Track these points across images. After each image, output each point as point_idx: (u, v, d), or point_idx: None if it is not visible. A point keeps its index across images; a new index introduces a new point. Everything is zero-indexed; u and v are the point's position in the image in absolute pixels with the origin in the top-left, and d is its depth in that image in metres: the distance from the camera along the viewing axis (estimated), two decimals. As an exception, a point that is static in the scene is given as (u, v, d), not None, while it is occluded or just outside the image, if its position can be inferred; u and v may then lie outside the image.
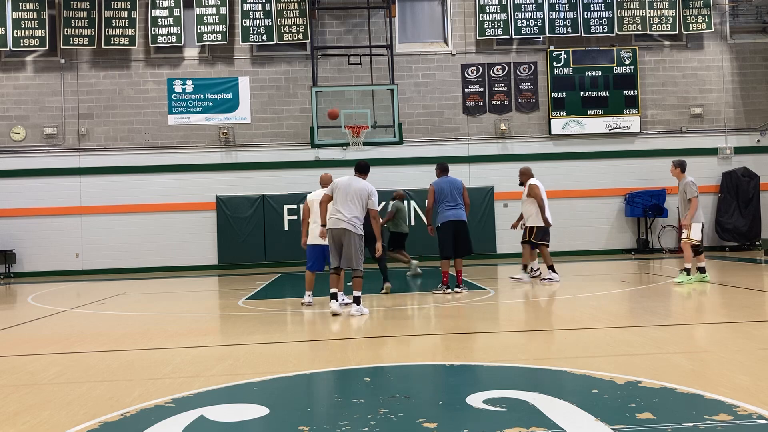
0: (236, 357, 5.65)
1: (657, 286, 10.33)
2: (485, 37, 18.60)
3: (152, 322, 8.12)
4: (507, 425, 3.32)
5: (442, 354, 5.35)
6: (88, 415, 3.85)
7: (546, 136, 18.80)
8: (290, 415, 3.76)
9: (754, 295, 8.88)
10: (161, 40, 18.14)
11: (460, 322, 7.22)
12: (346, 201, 7.88)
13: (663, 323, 6.62)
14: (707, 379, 4.22)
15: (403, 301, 9.48)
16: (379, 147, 17.85)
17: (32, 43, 17.91)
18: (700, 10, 18.81)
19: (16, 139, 18.18)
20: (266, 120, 18.53)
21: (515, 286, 10.91)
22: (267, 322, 7.84)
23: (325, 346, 6.06)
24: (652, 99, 19.01)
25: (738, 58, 19.14)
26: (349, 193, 7.91)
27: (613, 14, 18.65)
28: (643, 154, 18.78)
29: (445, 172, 10.21)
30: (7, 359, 5.88)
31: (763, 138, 19.05)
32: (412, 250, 14.50)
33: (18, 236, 17.83)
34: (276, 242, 17.84)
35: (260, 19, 18.20)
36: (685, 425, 3.25)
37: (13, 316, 9.39)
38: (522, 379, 4.42)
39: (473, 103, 18.75)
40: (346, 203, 7.87)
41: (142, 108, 18.38)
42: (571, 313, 7.52)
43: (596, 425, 3.31)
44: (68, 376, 5.07)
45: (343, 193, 7.91)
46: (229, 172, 18.22)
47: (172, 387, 4.49)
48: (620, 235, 18.84)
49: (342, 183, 8.01)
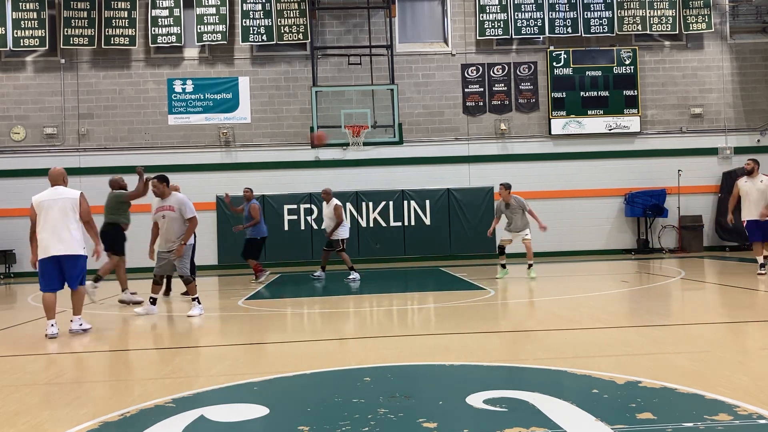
0: (236, 357, 5.65)
1: (657, 286, 10.33)
2: (485, 37, 18.60)
3: (152, 322, 8.12)
4: (507, 425, 3.32)
5: (442, 354, 5.35)
6: (88, 415, 3.85)
7: (546, 136, 18.80)
8: (290, 415, 3.76)
9: (754, 295, 8.88)
10: (161, 40, 18.14)
11: (460, 322, 7.22)
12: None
13: (663, 323, 6.62)
14: (707, 379, 4.22)
15: (403, 301, 9.48)
16: (379, 147, 17.86)
17: (32, 43, 17.91)
18: (700, 10, 18.81)
19: (16, 139, 18.18)
20: (266, 120, 18.53)
21: (515, 286, 10.91)
22: (267, 322, 7.84)
23: (325, 346, 6.06)
24: (652, 99, 19.01)
25: (738, 58, 19.14)
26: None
27: (613, 14, 18.64)
28: (643, 154, 18.78)
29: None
30: (7, 359, 5.88)
31: (763, 138, 19.04)
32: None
33: (18, 236, 17.77)
34: (276, 242, 17.83)
35: (260, 19, 18.20)
36: (685, 425, 3.25)
37: (13, 316, 9.38)
38: (522, 379, 4.42)
39: (473, 103, 18.75)
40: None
41: (142, 108, 18.38)
42: (571, 313, 7.52)
43: (596, 425, 3.31)
44: (68, 376, 5.07)
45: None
46: (229, 172, 18.21)
47: (172, 387, 4.49)
48: (620, 235, 18.84)
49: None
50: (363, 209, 18.22)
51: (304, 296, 10.59)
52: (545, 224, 12.26)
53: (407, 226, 18.26)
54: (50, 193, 7.03)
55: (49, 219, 6.88)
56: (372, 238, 18.18)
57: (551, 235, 18.72)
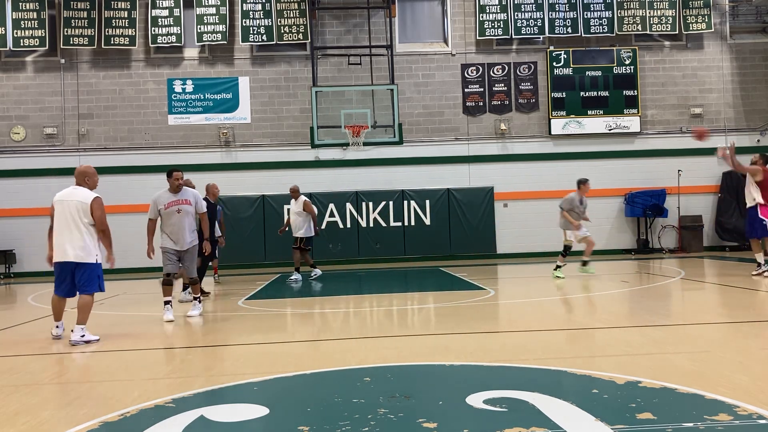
0: (236, 357, 5.65)
1: (657, 286, 10.33)
2: (485, 37, 18.60)
3: (152, 322, 8.12)
4: (507, 425, 3.32)
5: (442, 354, 5.35)
6: (88, 415, 3.85)
7: (546, 136, 18.80)
8: (290, 415, 3.76)
9: (754, 295, 8.88)
10: (161, 40, 18.14)
11: (460, 322, 7.22)
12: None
13: (663, 323, 6.62)
14: (707, 379, 4.22)
15: (403, 301, 9.48)
16: (379, 147, 17.86)
17: (32, 43, 17.91)
18: (700, 10, 18.81)
19: (16, 139, 18.18)
20: (266, 120, 18.53)
21: (515, 286, 10.91)
22: (267, 322, 7.84)
23: (325, 346, 6.06)
24: (652, 99, 19.01)
25: (738, 58, 19.14)
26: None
27: (613, 14, 18.65)
28: (643, 154, 18.78)
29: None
30: (7, 359, 5.88)
31: (763, 138, 19.04)
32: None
33: (18, 236, 17.81)
34: (276, 242, 17.83)
35: (260, 19, 18.21)
36: (685, 425, 3.25)
37: (13, 316, 9.38)
38: (522, 379, 4.41)
39: (473, 103, 18.75)
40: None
41: (142, 108, 18.38)
42: (571, 313, 7.52)
43: (596, 425, 3.31)
44: (68, 376, 5.07)
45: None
46: (229, 172, 18.20)
47: (172, 387, 4.49)
48: (620, 235, 18.84)
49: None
50: (363, 209, 18.22)
51: (304, 296, 10.59)
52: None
53: (407, 226, 18.26)
54: (67, 192, 6.71)
55: (60, 220, 6.57)
56: (372, 238, 18.18)
57: (551, 235, 18.75)
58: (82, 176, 6.82)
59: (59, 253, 6.57)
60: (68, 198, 6.64)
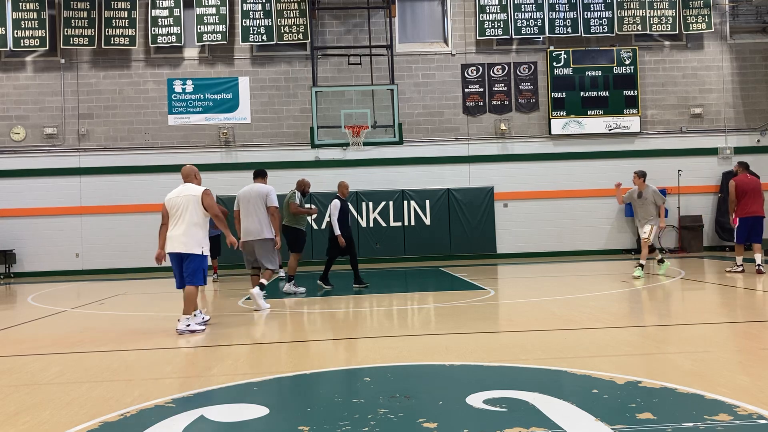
0: (236, 357, 5.65)
1: (657, 286, 10.33)
2: (485, 37, 18.61)
3: (152, 322, 8.12)
4: (507, 425, 3.32)
5: (442, 354, 5.35)
6: (88, 415, 3.85)
7: (546, 136, 18.80)
8: (290, 415, 3.76)
9: (754, 295, 8.88)
10: (161, 40, 18.14)
11: (459, 322, 7.21)
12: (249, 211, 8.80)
13: (663, 323, 6.62)
14: (707, 379, 4.22)
15: (403, 301, 9.48)
16: (379, 147, 17.87)
17: (32, 43, 17.92)
18: (700, 10, 18.81)
19: (16, 139, 18.18)
20: (266, 120, 18.53)
21: (515, 286, 10.90)
22: (267, 322, 7.84)
23: (324, 346, 6.05)
24: (652, 99, 19.01)
25: (738, 58, 19.14)
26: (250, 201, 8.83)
27: (613, 14, 18.65)
28: (643, 154, 18.79)
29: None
30: (7, 359, 5.88)
31: (763, 138, 19.05)
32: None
33: (18, 236, 17.83)
34: (276, 242, 17.83)
35: (260, 19, 18.21)
36: (685, 425, 3.25)
37: (13, 316, 9.38)
38: (522, 379, 4.41)
39: (473, 103, 18.75)
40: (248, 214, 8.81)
41: (142, 108, 18.39)
42: (570, 313, 7.52)
43: (596, 425, 3.31)
44: (68, 376, 5.06)
45: (245, 202, 8.89)
46: (229, 172, 18.21)
47: (172, 387, 4.49)
48: (620, 235, 18.85)
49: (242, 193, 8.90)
50: (363, 209, 18.23)
51: (303, 296, 10.58)
52: (663, 224, 11.83)
53: (407, 226, 18.27)
54: (178, 190, 7.21)
55: (174, 216, 7.08)
56: (372, 238, 18.18)
57: (551, 235, 18.79)
58: (192, 173, 7.40)
59: (167, 245, 7.13)
60: (180, 194, 7.15)
